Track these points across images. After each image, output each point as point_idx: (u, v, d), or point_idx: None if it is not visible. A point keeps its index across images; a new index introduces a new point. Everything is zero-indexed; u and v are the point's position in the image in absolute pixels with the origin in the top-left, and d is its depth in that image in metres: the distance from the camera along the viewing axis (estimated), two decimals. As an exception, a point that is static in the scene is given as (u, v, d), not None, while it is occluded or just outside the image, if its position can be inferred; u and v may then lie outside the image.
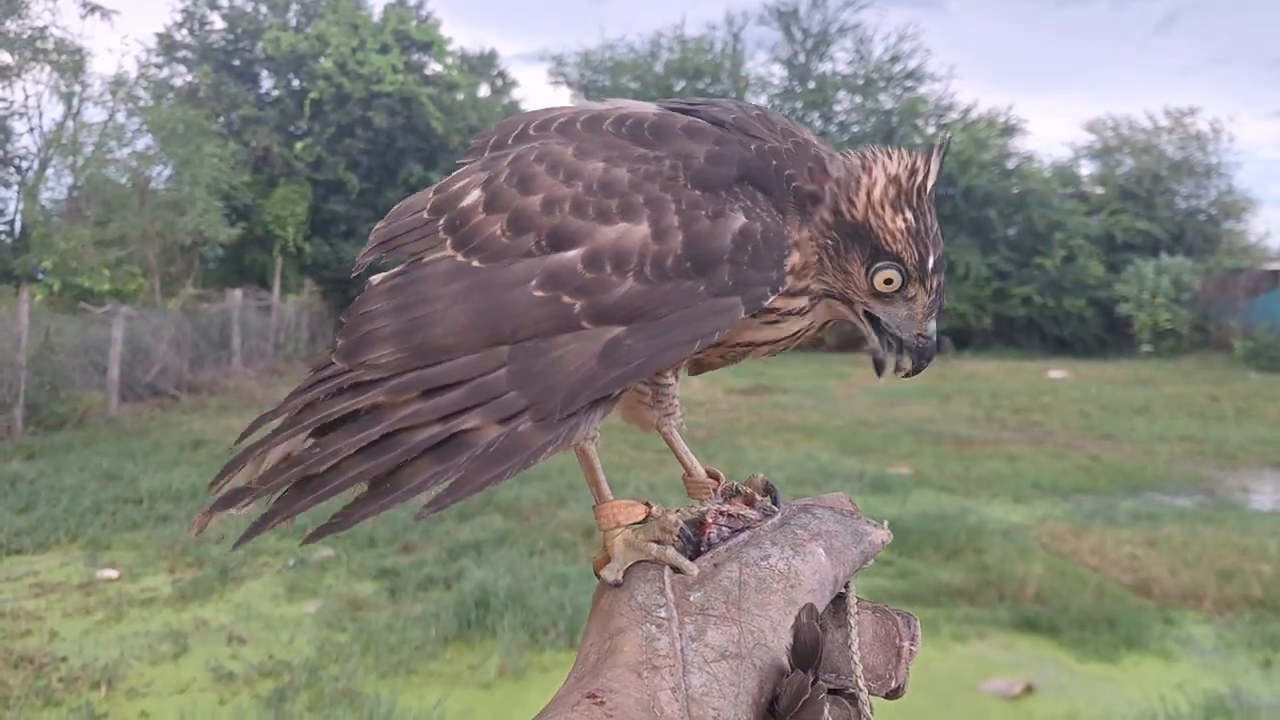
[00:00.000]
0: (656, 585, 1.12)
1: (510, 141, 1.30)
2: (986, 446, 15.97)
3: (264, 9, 35.17)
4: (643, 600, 1.10)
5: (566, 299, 1.10)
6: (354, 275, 1.31)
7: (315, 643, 7.25)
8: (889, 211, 1.18)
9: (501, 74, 43.33)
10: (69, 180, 25.10)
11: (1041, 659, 7.13)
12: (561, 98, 46.94)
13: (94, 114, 25.83)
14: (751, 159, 1.20)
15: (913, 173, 1.19)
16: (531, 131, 1.29)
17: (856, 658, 1.11)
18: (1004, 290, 39.86)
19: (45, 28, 23.65)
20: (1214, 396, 23.16)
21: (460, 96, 36.76)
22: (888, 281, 1.20)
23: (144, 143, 26.09)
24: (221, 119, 32.91)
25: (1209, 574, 8.72)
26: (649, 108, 1.28)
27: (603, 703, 0.98)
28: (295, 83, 34.86)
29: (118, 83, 25.80)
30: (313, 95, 32.90)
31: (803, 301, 1.22)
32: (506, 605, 7.65)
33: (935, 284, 1.22)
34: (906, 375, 1.27)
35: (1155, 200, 44.59)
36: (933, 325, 1.24)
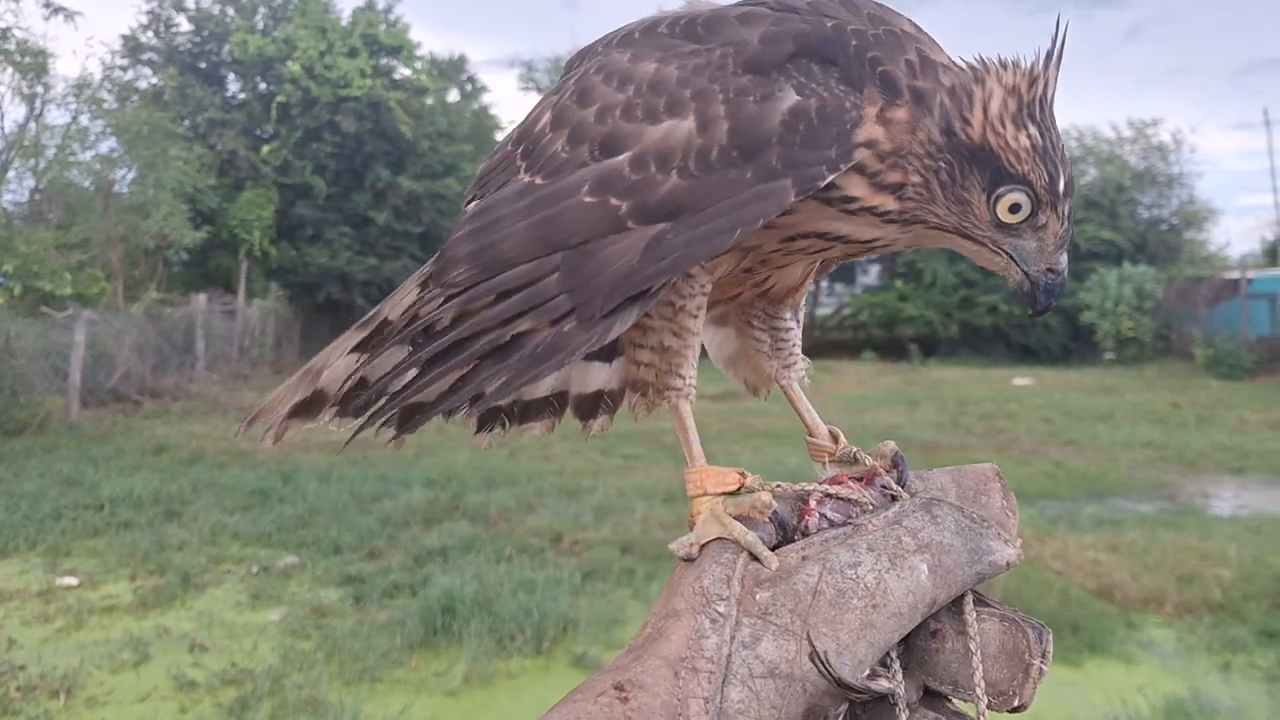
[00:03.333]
0: (726, 572, 1.01)
1: (583, 61, 1.31)
2: (953, 453, 16.08)
3: (231, 12, 34.89)
4: (707, 585, 1.00)
5: (614, 201, 1.09)
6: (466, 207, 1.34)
7: (279, 650, 7.18)
8: (1010, 128, 1.07)
9: (471, 79, 43.18)
10: (31, 183, 24.73)
11: (1006, 663, 7.17)
12: (532, 104, 46.84)
13: (57, 116, 25.56)
14: (811, 33, 1.11)
15: (1033, 82, 1.08)
16: (599, 48, 1.29)
17: (978, 674, 1.00)
18: (970, 298, 40.20)
19: (7, 29, 23.30)
20: (1175, 404, 23.45)
21: (429, 101, 36.61)
22: (1013, 209, 1.10)
23: (108, 145, 25.78)
24: (187, 122, 32.56)
25: (1170, 578, 8.82)
26: (707, 6, 1.24)
27: (627, 699, 0.91)
28: (262, 86, 34.59)
29: (81, 85, 25.47)
30: (280, 99, 32.64)
31: (889, 201, 1.13)
32: (473, 612, 7.60)
33: (1068, 209, 1.10)
34: (1036, 314, 1.18)
35: (1118, 210, 45.13)
36: (1063, 258, 1.14)
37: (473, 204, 1.30)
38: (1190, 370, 32.67)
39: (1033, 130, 1.07)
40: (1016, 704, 1.01)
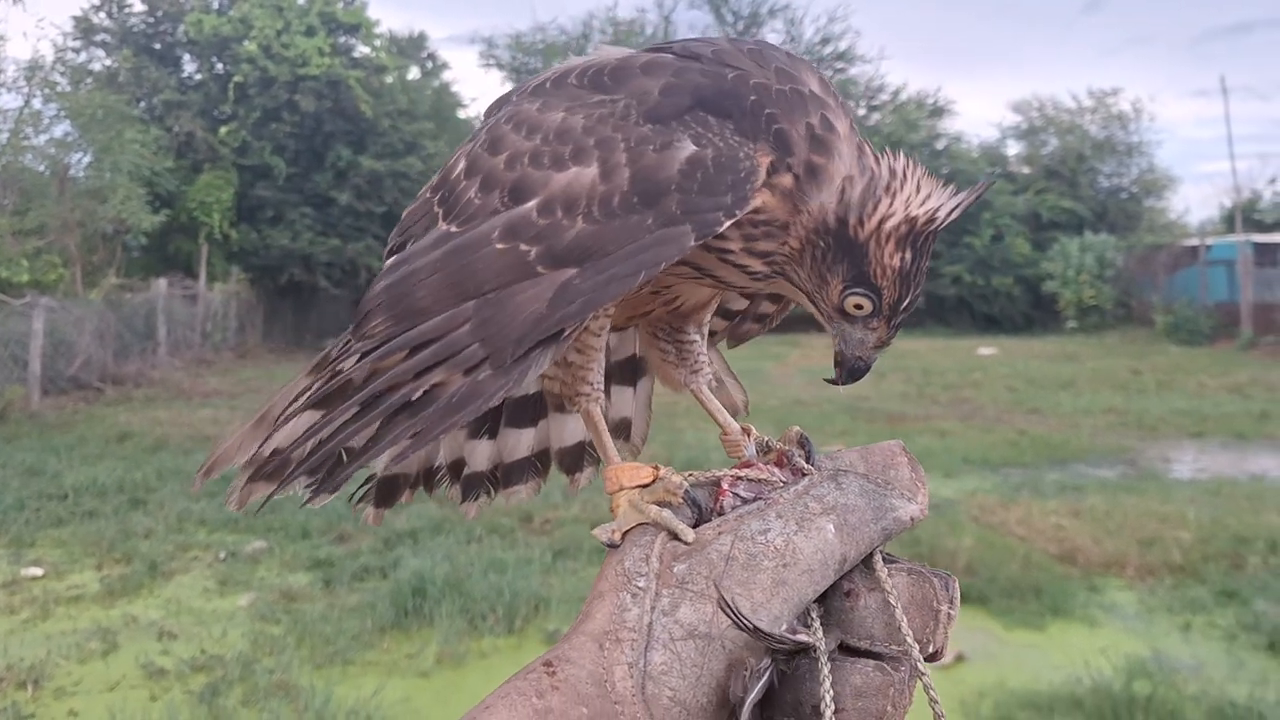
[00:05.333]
0: (645, 552, 1.07)
1: (500, 109, 1.32)
2: (918, 423, 16.24)
3: (184, -9, 34.31)
4: (628, 566, 1.06)
5: (523, 247, 1.11)
6: (386, 260, 1.35)
7: (249, 636, 7.16)
8: (891, 246, 1.15)
9: (431, 56, 42.83)
10: (-17, 168, 24.29)
11: (971, 628, 7.29)
12: (493, 81, 46.74)
13: (8, 100, 25.06)
14: (708, 85, 1.16)
15: (930, 221, 1.15)
16: (514, 97, 1.31)
17: (903, 623, 1.03)
18: (934, 269, 40.46)
19: (-47, 11, 22.80)
20: (1136, 370, 23.78)
21: (389, 79, 36.23)
22: (858, 307, 1.18)
23: (62, 129, 25.32)
24: (142, 104, 32.07)
25: (1131, 542, 8.98)
26: (616, 53, 1.26)
27: (554, 672, 0.96)
28: (219, 66, 34.07)
29: (33, 68, 24.95)
30: (237, 79, 32.18)
31: (757, 264, 1.19)
32: (444, 593, 7.61)
33: (898, 323, 1.20)
34: (832, 383, 1.26)
35: (1079, 179, 45.65)
36: (877, 355, 1.22)
37: (393, 257, 1.31)
38: (1150, 337, 33.15)
39: (908, 255, 1.15)
40: (931, 650, 1.04)
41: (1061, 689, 6.22)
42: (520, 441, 1.49)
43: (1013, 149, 49.98)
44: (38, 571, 8.56)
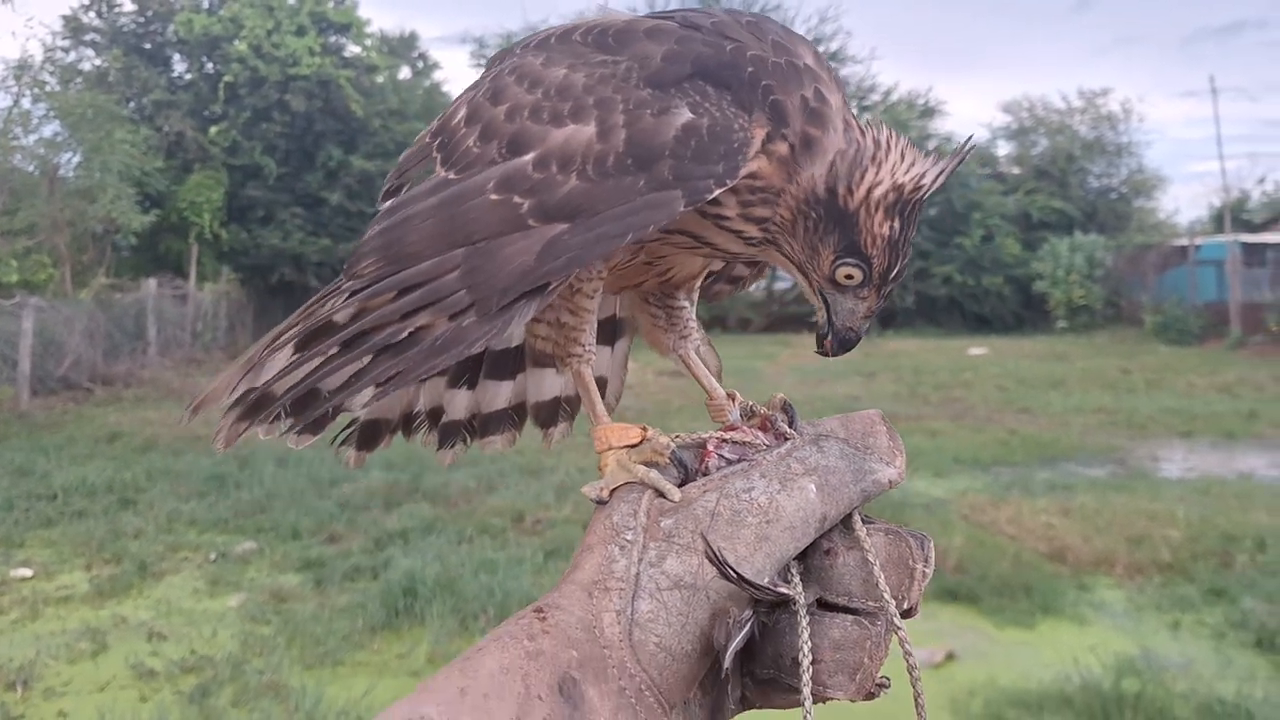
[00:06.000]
0: (633, 507, 1.11)
1: (503, 60, 1.34)
2: (909, 422, 16.27)
3: (174, -10, 34.22)
4: (616, 520, 1.10)
5: (517, 199, 1.13)
6: (380, 205, 1.36)
7: (239, 637, 7.15)
8: (880, 214, 1.18)
9: (422, 56, 42.81)
10: (-28, 168, 24.18)
11: (962, 627, 7.32)
12: (484, 80, 46.52)
13: (-3, 100, 24.94)
14: (709, 55, 1.18)
15: (917, 189, 1.19)
16: (518, 50, 1.33)
17: (881, 580, 1.07)
18: (925, 269, 40.58)
19: (-59, 10, 22.70)
20: (1125, 369, 23.86)
21: (380, 79, 36.23)
22: (848, 277, 1.20)
23: (51, 129, 25.26)
24: (132, 104, 31.99)
25: (1120, 540, 9.01)
26: (621, 15, 1.29)
27: (545, 618, 0.99)
28: (209, 66, 34.01)
29: (22, 67, 24.88)
30: (227, 78, 32.13)
31: (753, 229, 1.22)
32: (435, 593, 7.61)
33: (888, 291, 1.23)
34: (823, 355, 1.29)
35: (1069, 179, 45.77)
36: (866, 325, 1.25)
37: (389, 201, 1.33)
38: (1140, 336, 33.26)
39: (896, 224, 1.19)
40: (906, 607, 1.08)
41: (1051, 687, 6.24)
42: (498, 393, 1.51)
43: (1003, 149, 50.14)
44: (27, 572, 8.53)
